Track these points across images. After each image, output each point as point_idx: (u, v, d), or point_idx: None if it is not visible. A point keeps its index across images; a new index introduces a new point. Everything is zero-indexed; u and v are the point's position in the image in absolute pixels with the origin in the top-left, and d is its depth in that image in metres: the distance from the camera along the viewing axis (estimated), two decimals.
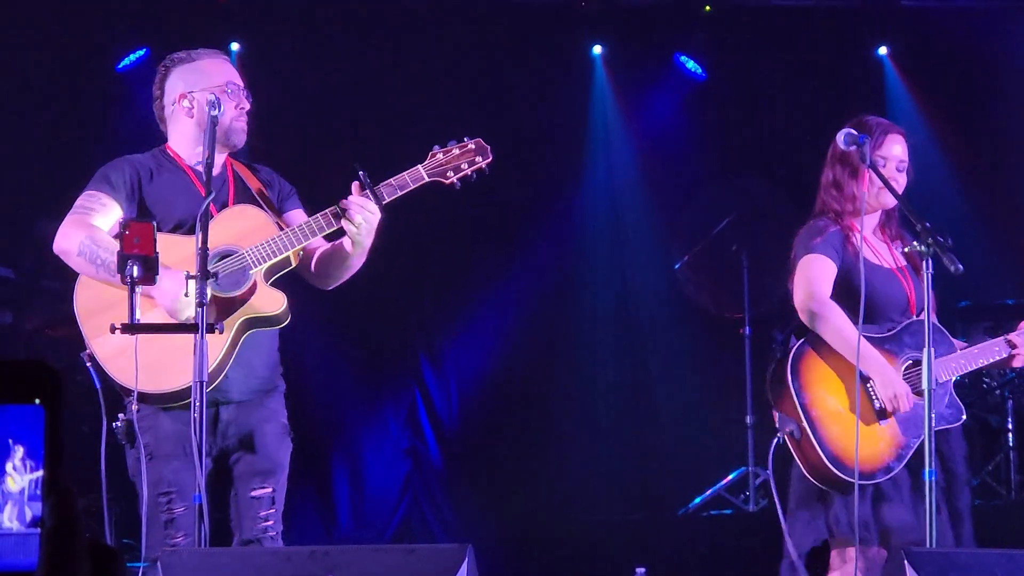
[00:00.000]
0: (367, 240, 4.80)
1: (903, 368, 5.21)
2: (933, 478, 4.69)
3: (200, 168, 4.75)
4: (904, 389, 5.12)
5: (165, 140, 5.07)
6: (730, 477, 8.99)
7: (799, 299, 5.25)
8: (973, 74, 9.74)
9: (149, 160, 5.01)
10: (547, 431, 9.48)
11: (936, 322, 5.18)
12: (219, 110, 4.79)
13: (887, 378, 5.14)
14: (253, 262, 4.76)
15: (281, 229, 4.81)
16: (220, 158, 5.00)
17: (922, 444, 5.02)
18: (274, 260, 4.77)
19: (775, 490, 5.25)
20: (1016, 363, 5.26)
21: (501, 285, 9.59)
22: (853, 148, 5.10)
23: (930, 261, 4.80)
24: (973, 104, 9.76)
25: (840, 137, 5.11)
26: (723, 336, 9.38)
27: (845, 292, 5.21)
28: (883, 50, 9.86)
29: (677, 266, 9.66)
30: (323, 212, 4.79)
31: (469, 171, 4.92)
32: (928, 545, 4.59)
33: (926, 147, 9.74)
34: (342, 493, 9.39)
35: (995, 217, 9.44)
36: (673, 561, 7.88)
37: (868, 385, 5.18)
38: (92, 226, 4.84)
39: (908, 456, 5.13)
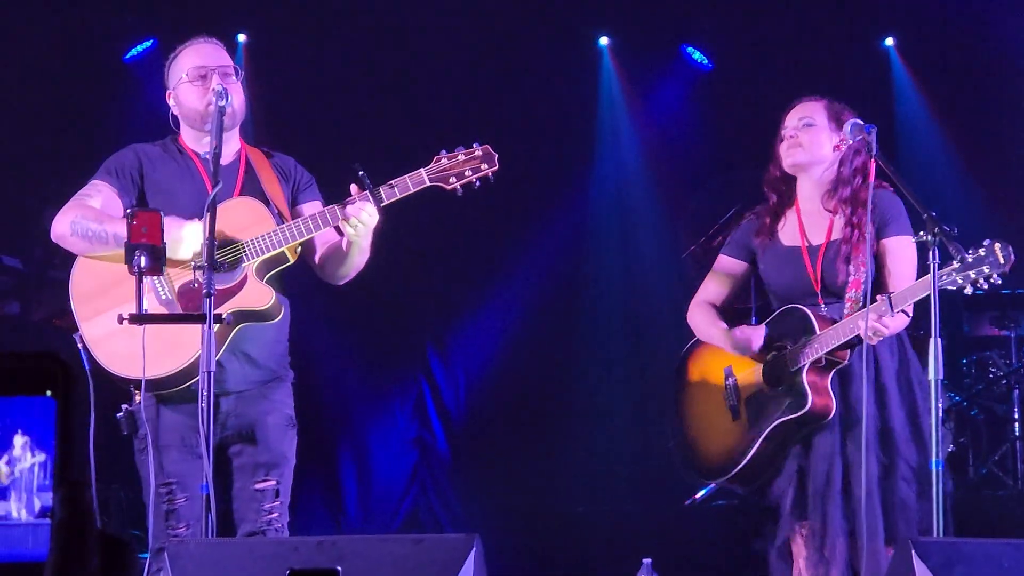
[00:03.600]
0: (365, 241, 4.81)
1: (768, 358, 5.21)
2: (940, 468, 4.68)
3: (208, 157, 4.77)
4: (744, 335, 5.21)
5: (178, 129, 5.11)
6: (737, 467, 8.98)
7: None
8: (979, 65, 9.72)
9: (157, 149, 5.02)
10: (553, 422, 9.48)
11: (801, 307, 5.12)
12: (226, 100, 4.80)
13: (733, 339, 5.26)
14: (248, 255, 4.75)
15: (281, 223, 4.81)
16: (234, 146, 5.01)
17: (770, 437, 5.09)
18: (268, 255, 4.76)
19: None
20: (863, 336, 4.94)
21: (508, 276, 9.59)
22: (860, 138, 5.10)
23: (936, 251, 4.79)
24: (979, 95, 9.74)
25: (847, 128, 5.10)
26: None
27: (760, 282, 5.43)
28: (889, 41, 9.85)
29: (684, 256, 9.65)
30: (322, 211, 4.78)
31: (473, 178, 4.90)
32: (935, 535, 4.59)
33: (931, 137, 9.74)
34: (349, 484, 9.40)
35: (1000, 207, 9.43)
36: (679, 552, 7.88)
37: (727, 381, 5.26)
38: (84, 206, 4.88)
39: (752, 451, 5.14)
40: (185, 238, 4.68)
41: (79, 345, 4.71)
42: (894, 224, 5.13)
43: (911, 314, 5.05)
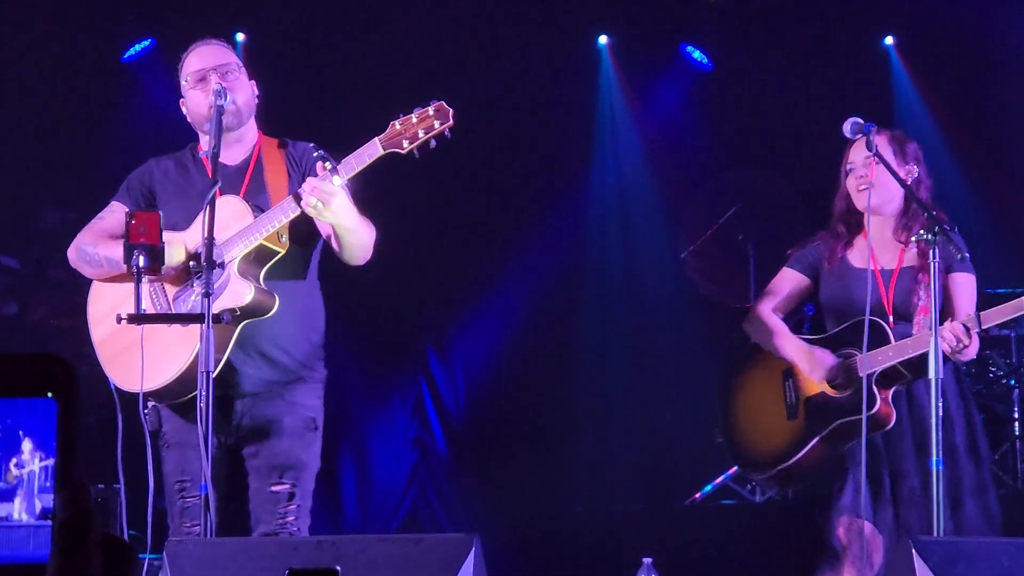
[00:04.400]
0: (341, 219, 4.65)
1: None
2: (940, 467, 4.69)
3: (207, 156, 4.77)
4: (820, 355, 5.25)
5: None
6: (736, 467, 8.98)
7: None
8: (979, 64, 9.72)
9: (172, 160, 5.04)
10: (553, 421, 9.48)
11: (878, 319, 5.20)
12: (225, 99, 4.79)
13: (803, 350, 5.33)
14: (226, 254, 4.71)
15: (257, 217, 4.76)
16: (248, 143, 4.99)
17: (885, 436, 5.13)
18: (246, 250, 4.70)
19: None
20: (944, 350, 5.12)
21: (507, 276, 9.59)
22: (860, 137, 5.11)
23: (936, 250, 4.81)
24: (979, 94, 9.75)
25: (846, 126, 5.11)
26: (729, 326, 9.37)
27: (818, 300, 5.51)
28: (889, 40, 9.85)
29: (683, 255, 9.66)
30: (287, 197, 4.73)
31: (426, 138, 4.70)
32: (935, 534, 4.60)
33: (931, 137, 9.74)
34: (349, 484, 9.40)
35: (1001, 208, 9.43)
36: (680, 551, 7.87)
37: (787, 382, 5.31)
38: (90, 230, 4.94)
39: (806, 448, 5.23)
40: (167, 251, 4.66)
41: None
42: (959, 263, 5.19)
43: (978, 342, 5.13)
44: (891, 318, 5.24)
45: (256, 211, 4.76)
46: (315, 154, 4.67)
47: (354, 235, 4.76)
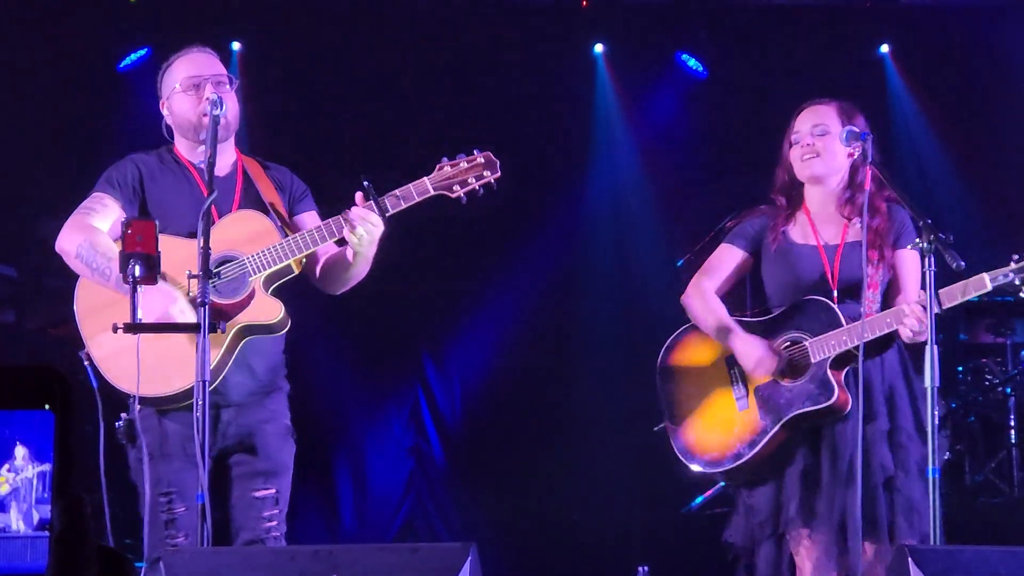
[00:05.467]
0: (369, 251, 4.80)
1: (781, 347, 5.16)
2: (936, 476, 4.66)
3: (203, 167, 4.76)
4: (763, 354, 5.10)
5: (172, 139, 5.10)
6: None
7: None
8: (974, 72, 9.74)
9: (154, 159, 5.02)
10: (550, 429, 9.48)
11: (826, 300, 5.10)
12: (221, 108, 4.79)
13: (747, 347, 5.15)
14: (253, 269, 4.75)
15: (285, 236, 4.80)
16: (230, 157, 5.01)
17: (825, 431, 5.03)
18: (274, 268, 4.76)
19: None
20: (903, 335, 4.96)
21: (504, 284, 9.59)
22: (856, 144, 5.11)
23: (932, 258, 4.79)
24: (974, 102, 9.76)
25: (841, 133, 5.10)
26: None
27: (766, 277, 5.34)
28: (884, 48, 9.87)
29: (679, 264, 9.66)
30: (326, 222, 4.78)
31: (476, 185, 4.88)
32: (932, 541, 4.59)
33: (927, 144, 9.75)
34: (345, 492, 9.39)
35: (995, 214, 9.44)
36: (676, 560, 7.88)
37: (732, 371, 5.21)
38: (92, 228, 4.88)
39: (762, 442, 5.09)
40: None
41: (85, 363, 4.73)
42: (907, 236, 5.14)
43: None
44: (835, 294, 5.12)
45: (281, 231, 4.81)
46: (364, 184, 4.73)
47: (366, 266, 4.89)
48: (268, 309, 4.78)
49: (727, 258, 5.41)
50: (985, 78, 9.73)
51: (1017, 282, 4.83)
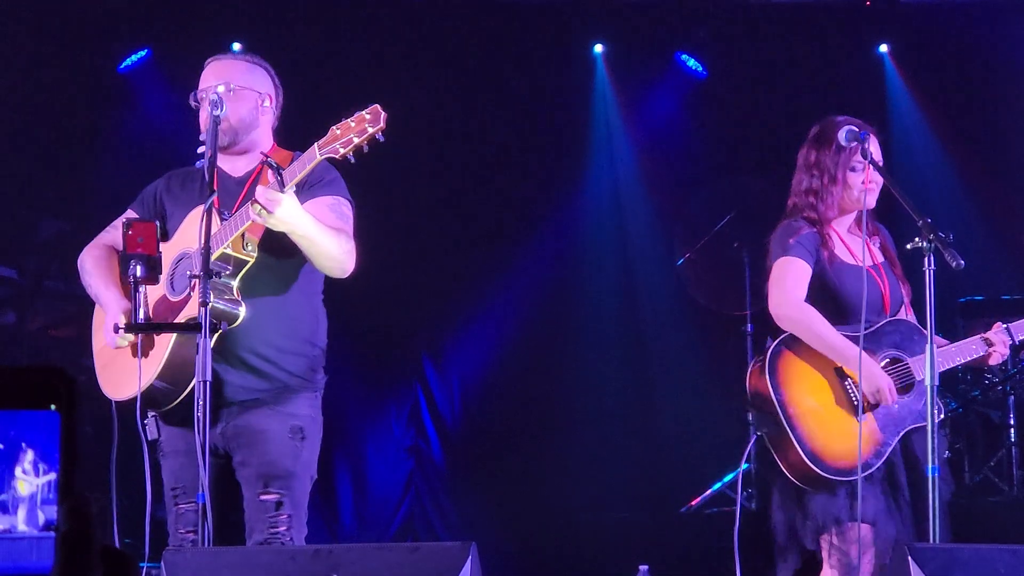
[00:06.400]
0: (288, 226, 4.65)
1: (881, 365, 5.23)
2: (936, 474, 4.68)
3: (209, 166, 4.78)
4: (887, 383, 5.14)
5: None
6: (732, 475, 8.99)
7: (774, 302, 5.27)
8: (973, 71, 9.75)
9: (183, 173, 5.08)
10: (549, 429, 9.49)
11: (914, 320, 5.24)
12: (221, 109, 4.80)
13: (870, 372, 5.14)
14: (193, 266, 4.72)
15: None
16: (249, 162, 4.99)
17: (903, 440, 5.15)
18: (212, 257, 4.64)
19: (741, 489, 5.27)
20: (992, 361, 5.30)
21: (503, 283, 9.60)
22: (855, 144, 5.11)
23: (931, 257, 4.80)
24: (973, 101, 9.77)
25: (841, 134, 5.10)
26: (725, 334, 9.38)
27: (820, 294, 5.24)
28: (883, 48, 9.87)
29: (679, 263, 9.67)
30: (241, 208, 4.73)
31: (359, 142, 4.66)
32: (931, 541, 4.59)
33: (926, 144, 9.77)
34: (345, 492, 9.39)
35: (995, 213, 9.45)
36: (676, 559, 7.88)
37: (847, 383, 5.21)
38: (99, 245, 5.02)
39: (887, 453, 5.15)
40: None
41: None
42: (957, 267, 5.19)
43: None
44: (888, 314, 5.25)
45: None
46: (264, 161, 4.69)
47: (313, 244, 4.74)
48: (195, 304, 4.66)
49: (802, 271, 5.29)
50: (984, 77, 9.74)
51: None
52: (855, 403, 5.17)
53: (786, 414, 5.24)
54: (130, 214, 5.01)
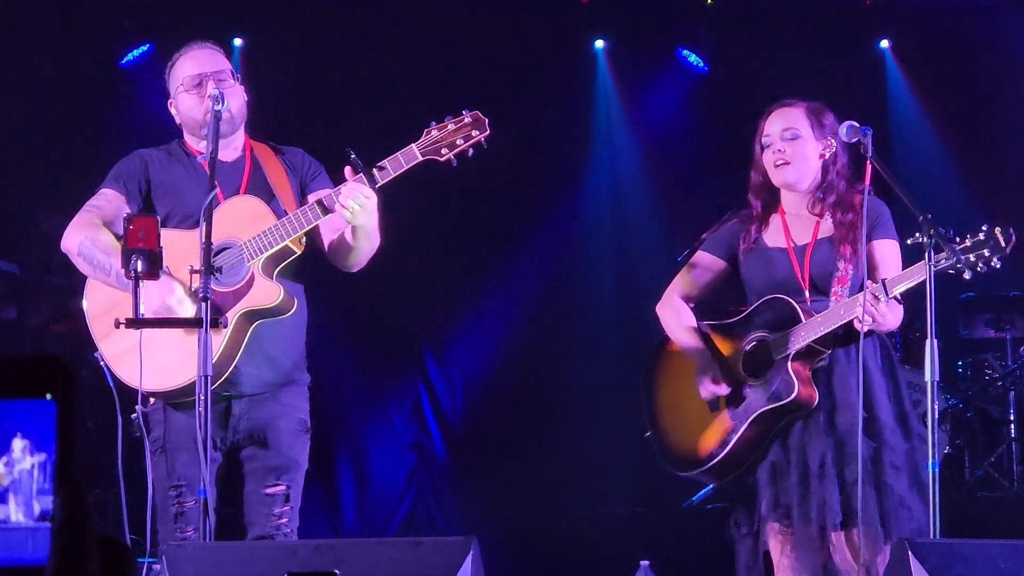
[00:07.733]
0: (367, 222, 4.72)
1: (747, 348, 5.18)
2: (936, 469, 4.66)
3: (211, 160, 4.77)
4: (704, 367, 5.18)
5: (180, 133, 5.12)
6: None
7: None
8: (974, 67, 9.75)
9: (162, 152, 5.04)
10: (551, 425, 9.49)
11: (786, 298, 5.07)
12: (222, 104, 4.80)
13: (699, 366, 5.21)
14: (250, 254, 4.75)
15: (280, 218, 4.79)
16: (239, 144, 5.01)
17: (752, 425, 5.06)
18: (271, 251, 4.75)
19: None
20: (862, 324, 4.85)
21: (504, 279, 9.60)
22: (856, 140, 5.10)
23: (931, 252, 4.78)
24: (974, 97, 9.76)
25: (842, 129, 5.09)
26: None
27: (736, 281, 5.34)
28: (885, 43, 9.87)
29: (679, 259, 9.65)
30: (317, 200, 4.76)
31: (465, 146, 4.80)
32: (931, 535, 4.59)
33: (927, 140, 9.77)
34: (346, 488, 9.40)
35: (995, 210, 9.43)
36: (677, 554, 7.88)
37: (697, 377, 5.25)
38: (94, 226, 4.89)
39: (732, 441, 5.09)
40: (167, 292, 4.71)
41: (101, 363, 4.75)
42: (882, 228, 5.12)
43: (901, 311, 5.00)
44: (807, 294, 5.08)
45: (283, 213, 4.80)
46: (351, 158, 4.69)
47: (368, 240, 4.81)
48: (268, 293, 4.76)
49: (700, 266, 5.44)
50: (985, 74, 9.74)
51: (959, 264, 4.82)
52: (703, 396, 5.22)
53: (652, 413, 5.42)
54: (112, 194, 4.96)
